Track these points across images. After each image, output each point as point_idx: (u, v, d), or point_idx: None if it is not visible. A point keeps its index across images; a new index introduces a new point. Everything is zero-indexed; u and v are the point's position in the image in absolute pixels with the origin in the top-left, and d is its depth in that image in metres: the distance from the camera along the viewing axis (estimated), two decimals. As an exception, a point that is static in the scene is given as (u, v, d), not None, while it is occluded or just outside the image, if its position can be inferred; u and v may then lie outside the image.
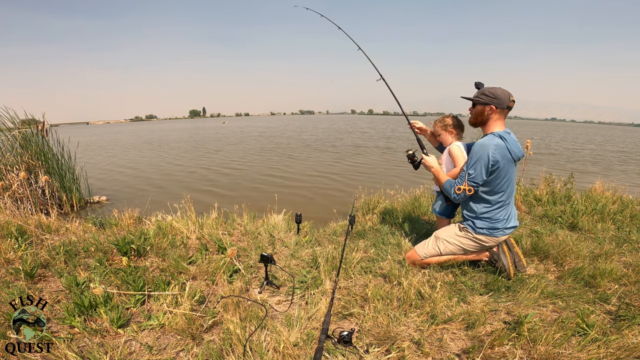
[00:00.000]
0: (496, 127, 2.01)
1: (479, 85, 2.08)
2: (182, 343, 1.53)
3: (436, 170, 2.23)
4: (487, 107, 1.99)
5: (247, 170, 9.41)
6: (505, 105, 1.97)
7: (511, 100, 1.97)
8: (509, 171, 1.97)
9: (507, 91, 1.98)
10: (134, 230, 2.76)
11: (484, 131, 2.08)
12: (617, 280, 2.05)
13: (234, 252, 1.94)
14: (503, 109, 1.98)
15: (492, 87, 2.00)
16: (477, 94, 2.04)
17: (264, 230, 2.94)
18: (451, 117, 2.39)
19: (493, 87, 2.00)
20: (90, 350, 1.44)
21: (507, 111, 2.01)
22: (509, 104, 1.97)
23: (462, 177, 2.01)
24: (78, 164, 5.47)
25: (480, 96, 2.01)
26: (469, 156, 2.01)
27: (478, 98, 2.02)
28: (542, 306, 1.80)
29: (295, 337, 1.51)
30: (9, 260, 2.24)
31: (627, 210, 3.35)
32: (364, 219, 3.42)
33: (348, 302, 1.81)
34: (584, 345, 1.43)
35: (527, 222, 3.22)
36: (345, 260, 2.23)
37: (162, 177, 8.66)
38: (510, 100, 1.97)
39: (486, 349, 1.44)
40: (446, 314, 1.71)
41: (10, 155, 4.52)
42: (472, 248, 2.14)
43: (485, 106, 1.99)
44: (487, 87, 2.02)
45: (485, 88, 2.02)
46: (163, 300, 1.77)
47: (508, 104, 1.97)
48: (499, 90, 1.97)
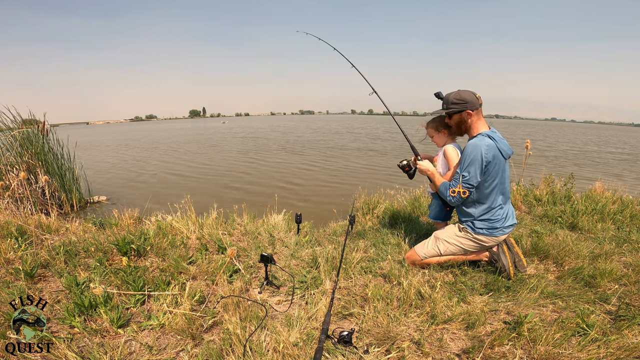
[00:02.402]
0: (480, 127, 2.03)
1: (439, 95, 2.09)
2: (182, 343, 1.53)
3: (431, 173, 2.21)
4: (463, 113, 2.01)
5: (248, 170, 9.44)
6: (477, 105, 1.99)
7: (477, 97, 1.99)
8: (502, 170, 1.98)
9: (470, 91, 2.00)
10: (134, 230, 2.76)
11: (469, 134, 2.09)
12: (617, 280, 2.05)
13: (234, 252, 1.94)
14: (477, 108, 2.00)
15: (454, 93, 2.02)
16: (447, 104, 2.05)
17: (264, 230, 2.94)
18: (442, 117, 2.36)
19: (455, 92, 2.02)
20: (90, 350, 1.44)
21: (481, 109, 2.03)
22: (479, 102, 2.00)
23: (457, 179, 2.01)
24: (78, 164, 5.47)
25: (451, 106, 2.02)
26: (462, 158, 2.01)
27: (450, 108, 2.03)
28: (542, 306, 1.80)
29: (295, 337, 1.51)
30: (9, 260, 2.24)
31: (627, 210, 3.35)
32: (364, 219, 3.42)
33: (348, 302, 1.81)
34: (584, 345, 1.43)
35: (527, 222, 3.22)
36: (345, 260, 2.23)
37: (162, 177, 8.67)
38: (477, 98, 1.99)
39: (486, 349, 1.44)
40: (446, 314, 1.71)
41: (10, 155, 4.53)
42: (472, 248, 2.14)
43: (461, 113, 2.01)
44: (450, 95, 2.03)
45: (449, 96, 2.03)
46: (163, 300, 1.77)
47: (479, 102, 2.00)
48: (463, 93, 1.99)
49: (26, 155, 4.57)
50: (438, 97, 2.10)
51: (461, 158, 2.02)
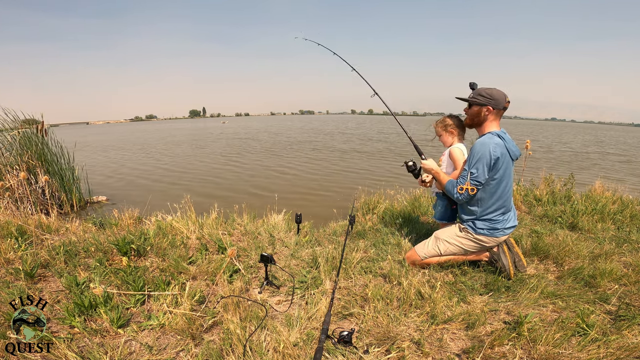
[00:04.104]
0: (492, 127, 2.02)
1: (473, 85, 2.08)
2: (182, 343, 1.53)
3: (436, 172, 2.21)
4: (484, 108, 1.99)
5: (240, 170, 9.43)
6: (501, 106, 1.97)
7: (507, 101, 1.98)
8: (508, 170, 1.98)
9: (502, 92, 1.98)
10: (134, 230, 2.76)
11: (479, 132, 2.09)
12: (617, 280, 2.05)
13: (234, 252, 1.94)
14: (499, 109, 1.98)
15: (487, 88, 2.00)
16: (473, 94, 2.03)
17: (264, 230, 2.94)
18: (452, 117, 2.36)
19: (489, 88, 2.00)
20: (90, 350, 1.44)
21: (503, 112, 2.02)
22: (504, 105, 1.98)
23: (464, 176, 2.00)
24: (78, 163, 5.47)
25: (477, 97, 2.00)
26: (470, 155, 2.00)
27: (475, 99, 2.01)
28: (542, 306, 1.80)
29: (295, 337, 1.51)
30: (9, 260, 2.24)
31: (627, 210, 3.35)
32: (364, 219, 3.41)
33: (348, 302, 1.81)
34: (584, 345, 1.43)
35: (527, 222, 3.22)
36: (345, 260, 2.23)
37: (163, 177, 8.67)
38: (506, 101, 1.97)
39: (486, 349, 1.44)
40: (446, 314, 1.71)
41: (10, 155, 4.53)
42: (472, 248, 2.14)
43: (482, 107, 1.99)
44: (482, 88, 2.02)
45: (481, 89, 2.02)
46: (163, 300, 1.77)
47: (504, 105, 1.98)
48: (495, 91, 1.97)
49: (26, 155, 4.57)
50: (471, 87, 2.08)
51: (469, 155, 2.01)
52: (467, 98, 2.07)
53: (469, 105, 2.06)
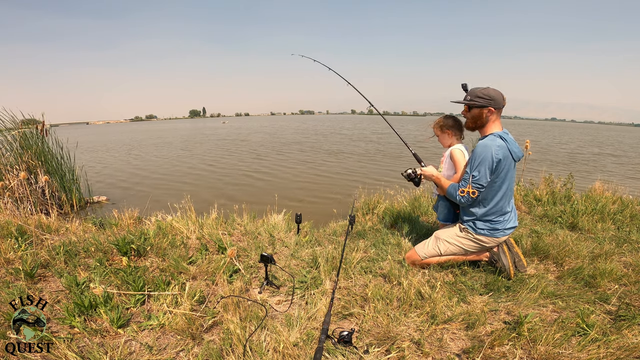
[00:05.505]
0: (494, 128, 2.00)
1: (465, 86, 2.05)
2: (182, 343, 1.53)
3: (437, 177, 2.21)
4: (485, 110, 1.97)
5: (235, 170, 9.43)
6: (501, 105, 1.97)
7: (504, 99, 1.97)
8: (510, 172, 1.97)
9: (498, 90, 1.97)
10: (134, 230, 2.76)
11: (481, 133, 2.06)
12: (617, 280, 2.05)
13: (234, 252, 1.94)
14: (499, 109, 1.97)
15: (483, 88, 1.97)
16: (470, 96, 2.00)
17: (264, 230, 2.94)
18: (447, 118, 2.35)
19: (484, 88, 1.97)
20: (90, 350, 1.44)
21: (502, 110, 2.01)
22: (503, 103, 1.97)
23: (466, 179, 1.99)
24: (78, 164, 5.47)
25: (476, 99, 1.97)
26: (471, 157, 1.98)
27: (474, 101, 1.98)
28: (542, 306, 1.80)
29: (295, 337, 1.51)
30: (9, 260, 2.24)
31: (627, 210, 3.35)
32: (364, 219, 3.42)
33: (348, 302, 1.81)
34: (584, 345, 1.43)
35: (527, 222, 3.22)
36: (345, 260, 2.23)
37: (162, 177, 8.67)
38: (503, 99, 1.97)
39: (486, 349, 1.44)
40: (446, 314, 1.71)
41: (10, 155, 4.53)
42: (473, 248, 2.14)
43: (483, 109, 1.97)
44: (477, 89, 1.99)
45: (476, 89, 1.99)
46: (163, 300, 1.77)
47: (503, 104, 1.97)
48: (492, 91, 1.95)
49: (26, 155, 4.57)
50: (464, 88, 2.06)
51: (470, 158, 1.99)
52: (464, 101, 2.04)
53: (469, 108, 2.03)
